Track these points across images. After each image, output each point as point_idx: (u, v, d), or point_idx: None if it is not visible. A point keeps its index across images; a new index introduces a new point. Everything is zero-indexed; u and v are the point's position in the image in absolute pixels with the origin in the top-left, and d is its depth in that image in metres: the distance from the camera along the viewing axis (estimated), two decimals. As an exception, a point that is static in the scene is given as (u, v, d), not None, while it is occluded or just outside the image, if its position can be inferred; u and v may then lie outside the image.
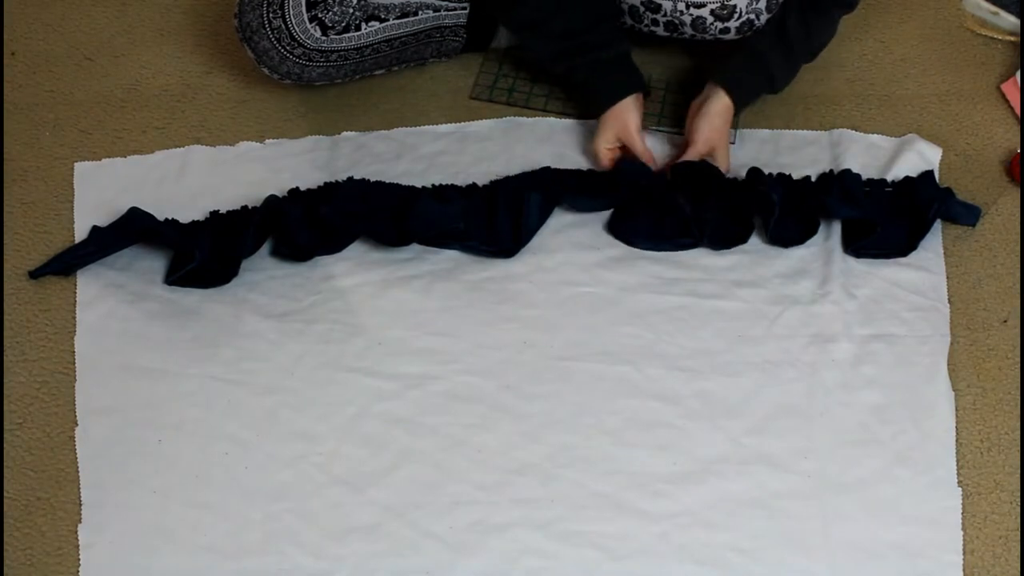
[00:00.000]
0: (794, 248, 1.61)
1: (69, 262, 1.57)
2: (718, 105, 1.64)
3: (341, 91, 1.78)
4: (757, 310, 1.56)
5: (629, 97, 1.66)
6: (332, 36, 1.63)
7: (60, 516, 1.39)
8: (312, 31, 1.62)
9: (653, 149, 1.69)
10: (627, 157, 1.67)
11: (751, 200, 1.62)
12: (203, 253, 1.54)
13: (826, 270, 1.59)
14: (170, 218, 1.61)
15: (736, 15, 1.64)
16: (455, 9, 1.74)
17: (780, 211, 1.59)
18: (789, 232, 1.60)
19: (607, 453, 1.44)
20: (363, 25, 1.65)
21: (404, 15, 1.70)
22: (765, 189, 1.60)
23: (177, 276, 1.55)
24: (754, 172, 1.64)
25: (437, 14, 1.73)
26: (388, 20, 1.68)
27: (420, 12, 1.71)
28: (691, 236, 1.60)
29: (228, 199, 1.64)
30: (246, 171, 1.69)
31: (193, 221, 1.62)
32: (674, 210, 1.61)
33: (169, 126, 1.75)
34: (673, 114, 1.76)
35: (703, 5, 1.64)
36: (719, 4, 1.63)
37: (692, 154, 1.64)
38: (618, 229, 1.62)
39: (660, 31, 1.70)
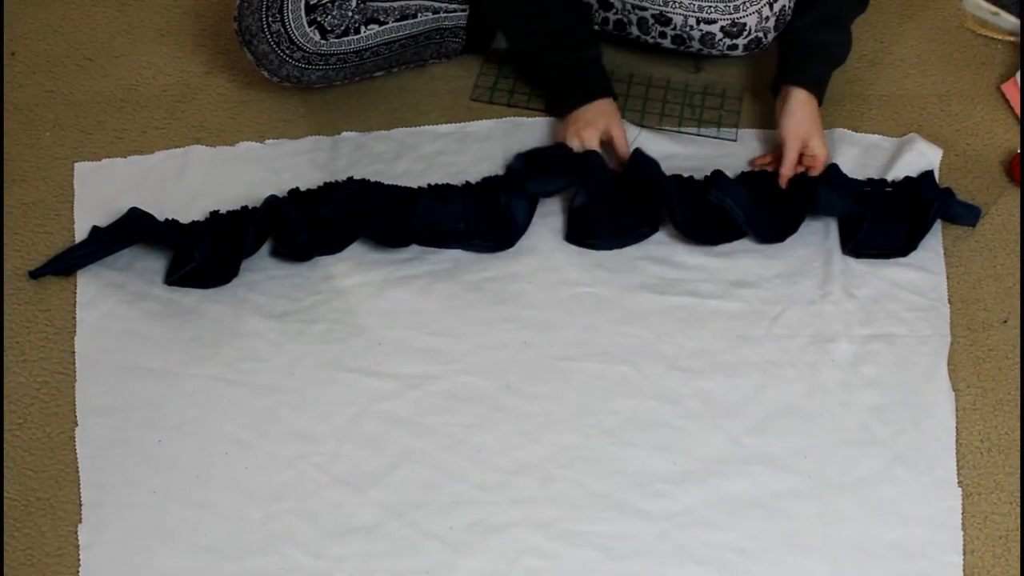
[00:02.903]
0: (794, 248, 1.61)
1: (69, 262, 1.57)
2: (796, 101, 1.64)
3: (341, 91, 1.78)
4: (757, 310, 1.56)
5: (606, 99, 1.67)
6: (331, 40, 1.63)
7: (60, 516, 1.39)
8: (311, 35, 1.62)
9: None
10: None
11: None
12: (203, 253, 1.55)
13: (826, 270, 1.59)
14: (170, 218, 1.61)
15: (745, 33, 1.65)
16: (455, 11, 1.74)
17: (745, 214, 1.58)
18: (772, 228, 1.60)
19: (607, 453, 1.44)
20: (362, 28, 1.65)
21: (403, 17, 1.69)
22: (721, 195, 1.59)
23: (177, 276, 1.55)
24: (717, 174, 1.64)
25: (436, 16, 1.73)
26: (387, 23, 1.68)
27: (419, 14, 1.71)
28: (648, 224, 1.60)
29: (228, 199, 1.64)
30: (246, 171, 1.69)
31: (193, 221, 1.62)
32: (629, 199, 1.60)
33: (169, 126, 1.75)
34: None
35: (714, 22, 1.64)
36: (730, 21, 1.63)
37: (789, 154, 1.61)
38: (576, 236, 1.61)
39: (667, 43, 1.71)
